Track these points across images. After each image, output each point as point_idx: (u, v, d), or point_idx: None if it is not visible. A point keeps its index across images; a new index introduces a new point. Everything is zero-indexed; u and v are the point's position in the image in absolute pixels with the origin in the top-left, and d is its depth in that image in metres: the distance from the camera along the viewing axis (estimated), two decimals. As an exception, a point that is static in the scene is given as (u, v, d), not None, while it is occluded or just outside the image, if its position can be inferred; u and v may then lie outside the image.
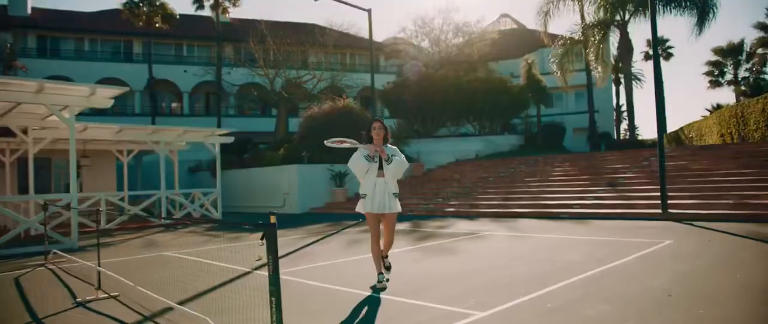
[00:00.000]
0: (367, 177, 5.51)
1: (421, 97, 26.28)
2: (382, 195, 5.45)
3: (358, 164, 5.51)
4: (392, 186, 5.53)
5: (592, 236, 9.13)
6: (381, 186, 5.48)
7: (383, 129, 5.57)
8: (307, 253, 8.54)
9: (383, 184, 5.49)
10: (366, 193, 5.51)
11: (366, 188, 5.52)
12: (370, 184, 5.49)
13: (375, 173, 5.49)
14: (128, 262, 8.21)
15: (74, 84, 10.14)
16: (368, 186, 5.50)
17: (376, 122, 5.61)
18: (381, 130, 5.53)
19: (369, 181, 5.50)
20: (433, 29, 38.48)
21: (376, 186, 5.47)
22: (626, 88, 25.04)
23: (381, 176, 5.50)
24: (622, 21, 24.18)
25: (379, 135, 5.52)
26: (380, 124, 5.57)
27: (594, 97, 28.78)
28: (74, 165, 10.47)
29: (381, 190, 5.46)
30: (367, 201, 5.49)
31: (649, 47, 46.15)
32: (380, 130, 5.53)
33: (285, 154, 21.38)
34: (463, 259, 7.34)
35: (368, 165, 5.47)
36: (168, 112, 37.45)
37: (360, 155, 5.52)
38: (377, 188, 5.47)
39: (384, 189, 5.47)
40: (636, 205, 12.44)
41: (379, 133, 5.52)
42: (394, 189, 5.56)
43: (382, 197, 5.45)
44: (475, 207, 15.41)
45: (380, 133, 5.52)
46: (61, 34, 34.88)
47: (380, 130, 5.53)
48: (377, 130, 5.52)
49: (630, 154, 18.16)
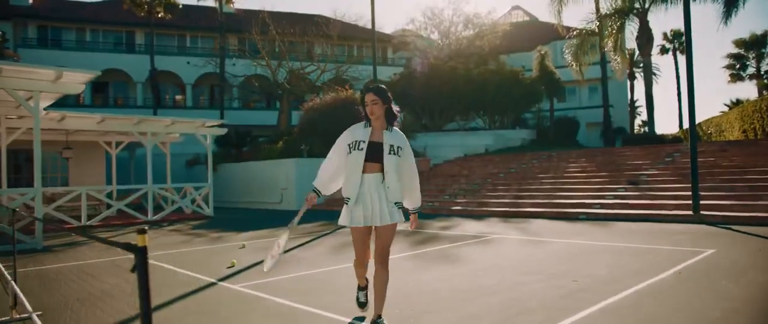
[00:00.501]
0: (349, 170, 3.69)
1: (429, 90, 25.11)
2: (374, 199, 3.64)
3: (334, 151, 3.82)
4: (394, 190, 3.66)
5: (617, 242, 7.97)
6: (372, 185, 3.64)
7: (381, 101, 3.68)
8: (288, 258, 7.46)
9: (376, 183, 3.65)
10: (349, 197, 3.69)
11: (349, 189, 3.69)
12: (353, 183, 3.66)
13: (360, 165, 3.62)
14: (79, 268, 7.19)
15: (38, 66, 9.13)
16: (351, 185, 3.67)
17: (369, 93, 3.71)
18: (375, 103, 3.67)
19: (352, 176, 3.66)
20: (443, 21, 37.35)
21: (364, 185, 3.64)
22: (646, 80, 23.64)
23: (374, 170, 3.65)
24: (642, 9, 22.80)
25: (372, 111, 3.67)
26: (374, 96, 3.67)
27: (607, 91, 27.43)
28: (39, 156, 9.47)
29: (373, 193, 3.64)
30: (349, 208, 3.68)
31: (666, 40, 44.57)
32: (374, 104, 3.67)
33: (284, 147, 20.35)
34: (467, 271, 6.22)
35: (355, 153, 3.66)
36: (171, 105, 36.66)
37: (343, 140, 3.79)
38: (366, 188, 3.65)
39: (377, 190, 3.65)
40: (662, 206, 11.24)
41: (372, 107, 3.67)
42: (397, 196, 3.69)
43: (375, 203, 3.64)
44: (483, 205, 14.27)
45: (373, 108, 3.67)
46: (62, 24, 34.14)
47: (374, 103, 3.67)
48: (370, 105, 3.68)
49: (650, 150, 16.91)
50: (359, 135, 3.70)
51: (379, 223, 3.64)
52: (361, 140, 3.65)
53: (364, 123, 3.76)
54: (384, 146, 3.65)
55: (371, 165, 3.65)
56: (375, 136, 3.69)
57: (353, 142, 3.68)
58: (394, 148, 3.66)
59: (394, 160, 3.65)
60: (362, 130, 3.72)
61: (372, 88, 3.74)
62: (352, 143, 3.69)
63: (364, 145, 3.64)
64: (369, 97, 3.69)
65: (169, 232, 11.90)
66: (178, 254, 8.22)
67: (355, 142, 3.67)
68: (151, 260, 7.52)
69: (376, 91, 3.72)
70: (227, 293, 5.31)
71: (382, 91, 3.71)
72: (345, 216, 3.72)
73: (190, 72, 34.53)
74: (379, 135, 3.69)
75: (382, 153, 3.64)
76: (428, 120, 26.64)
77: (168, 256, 7.95)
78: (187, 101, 36.22)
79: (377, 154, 3.64)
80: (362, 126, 3.75)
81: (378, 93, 3.69)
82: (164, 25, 33.94)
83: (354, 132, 3.74)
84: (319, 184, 3.81)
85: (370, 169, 3.65)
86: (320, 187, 3.81)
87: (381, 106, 3.68)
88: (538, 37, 36.96)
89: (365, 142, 3.64)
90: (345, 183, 3.76)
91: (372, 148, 3.65)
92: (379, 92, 3.70)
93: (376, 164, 3.65)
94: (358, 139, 3.66)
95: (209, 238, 10.25)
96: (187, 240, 10.12)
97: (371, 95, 3.70)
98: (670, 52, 45.12)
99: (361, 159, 3.63)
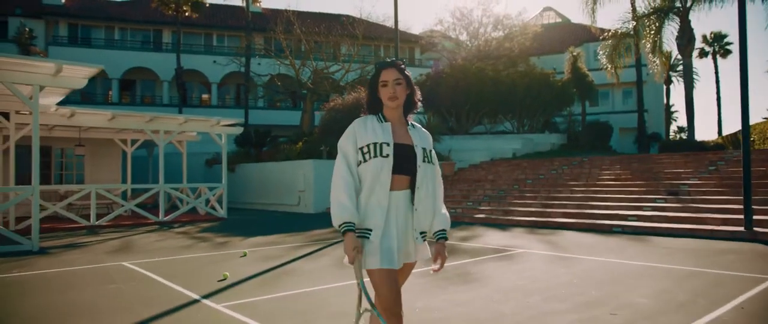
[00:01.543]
0: (368, 187, 2.50)
1: (456, 92, 24.24)
2: (399, 228, 2.52)
3: (343, 162, 2.55)
4: (423, 213, 2.58)
5: (660, 262, 7.04)
6: (401, 207, 2.54)
7: (406, 81, 2.60)
8: (289, 271, 6.78)
9: (405, 204, 2.55)
10: (371, 228, 2.48)
11: (371, 215, 2.49)
12: (378, 206, 2.49)
13: (387, 180, 2.49)
14: (68, 275, 6.65)
15: (38, 59, 8.70)
16: (375, 209, 2.49)
17: (389, 68, 2.59)
18: (399, 83, 2.57)
19: (374, 196, 2.50)
20: (472, 21, 36.42)
21: (391, 208, 2.51)
22: (686, 82, 22.32)
23: (403, 186, 2.54)
24: (683, 7, 21.52)
25: (395, 94, 2.56)
26: (398, 74, 2.58)
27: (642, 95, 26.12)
28: (37, 153, 9.03)
29: (399, 218, 2.53)
30: (374, 244, 2.46)
31: (705, 43, 42.65)
32: (397, 84, 2.56)
33: (303, 147, 19.79)
34: (485, 294, 5.43)
35: (375, 162, 2.49)
36: (197, 103, 36.72)
37: (350, 143, 2.57)
38: (393, 213, 2.52)
39: (405, 214, 2.55)
40: (707, 220, 10.19)
41: (395, 89, 2.56)
42: (425, 221, 2.60)
43: (401, 233, 2.53)
44: (508, 214, 13.38)
45: (396, 89, 2.56)
46: (92, 22, 34.51)
47: (397, 83, 2.56)
48: (391, 85, 2.56)
49: (691, 157, 15.73)
50: (377, 134, 2.52)
51: (412, 259, 2.60)
52: (382, 142, 2.49)
53: (377, 115, 2.61)
54: (416, 150, 2.56)
55: (400, 179, 2.51)
56: (400, 136, 2.56)
57: (369, 144, 2.49)
58: (427, 153, 2.60)
59: (429, 170, 2.57)
60: (378, 127, 2.55)
61: (393, 63, 2.59)
62: (367, 147, 2.49)
63: (389, 149, 2.48)
64: (390, 75, 2.55)
65: (176, 234, 11.39)
66: (173, 262, 7.62)
67: (373, 146, 2.48)
68: (142, 268, 6.95)
69: (400, 67, 2.58)
70: (207, 315, 4.64)
71: (406, 73, 2.61)
72: (374, 256, 2.43)
73: (216, 71, 34.49)
74: (404, 133, 2.58)
75: (415, 160, 2.54)
76: (455, 123, 25.78)
77: (161, 264, 7.36)
78: (212, 100, 36.23)
79: (408, 162, 2.53)
80: (376, 120, 2.58)
81: (403, 70, 2.59)
82: (191, 23, 34.01)
83: (366, 129, 2.54)
84: (350, 213, 2.43)
85: (398, 184, 2.51)
86: (352, 217, 2.44)
87: (405, 89, 2.58)
88: (570, 39, 35.76)
89: (390, 144, 2.49)
90: (364, 202, 2.51)
91: (400, 153, 2.51)
92: (403, 69, 2.60)
93: (405, 177, 2.52)
94: (379, 141, 2.49)
95: (213, 244, 9.66)
96: (190, 245, 9.55)
97: (394, 72, 2.56)
98: (709, 55, 43.24)
99: (387, 170, 2.47)
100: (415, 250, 2.58)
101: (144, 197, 14.17)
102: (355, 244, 2.39)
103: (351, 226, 2.41)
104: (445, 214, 2.64)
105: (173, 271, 6.83)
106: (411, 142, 2.56)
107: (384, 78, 2.56)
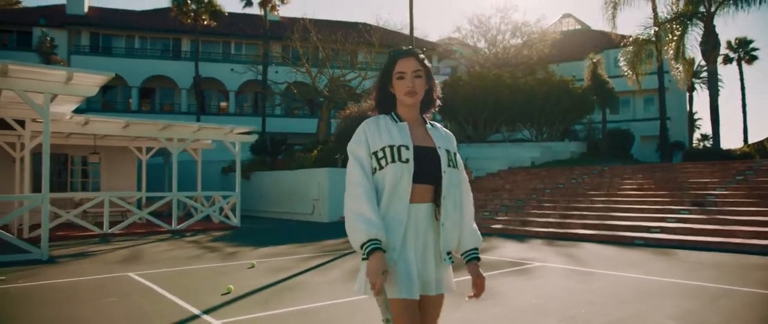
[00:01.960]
0: (392, 195, 2.04)
1: (474, 99, 23.93)
2: (418, 249, 2.07)
3: (356, 167, 2.07)
4: (451, 229, 2.13)
5: (686, 278, 6.66)
6: (421, 223, 2.08)
7: (426, 74, 2.16)
8: (297, 285, 6.56)
9: (426, 219, 2.09)
10: (384, 249, 1.94)
11: (389, 231, 2.00)
12: (396, 220, 2.03)
13: (407, 190, 2.03)
14: (71, 286, 6.51)
15: (47, 67, 8.67)
16: (394, 224, 2.02)
17: (408, 57, 2.13)
18: (418, 76, 2.12)
19: (392, 209, 2.04)
20: (490, 29, 36.14)
21: (411, 224, 2.05)
22: (710, 89, 21.67)
23: (425, 197, 2.08)
24: (708, 12, 20.95)
25: (413, 88, 2.11)
26: (418, 64, 2.13)
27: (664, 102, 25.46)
28: (47, 161, 8.97)
29: (419, 237, 2.07)
30: (393, 271, 1.98)
31: (729, 49, 41.65)
32: (416, 77, 2.12)
33: (318, 156, 19.65)
34: (500, 313, 5.13)
35: (393, 168, 2.02)
36: (215, 111, 36.98)
37: (361, 145, 2.09)
38: (412, 230, 2.05)
39: (426, 232, 2.09)
40: (736, 233, 9.72)
41: (414, 82, 2.11)
42: (453, 240, 2.17)
43: (420, 255, 2.07)
44: (526, 224, 13.02)
45: (415, 83, 2.11)
46: (113, 31, 35.03)
47: (416, 76, 2.11)
48: (409, 77, 2.10)
49: (717, 166, 15.19)
50: (393, 135, 2.06)
51: (433, 290, 2.10)
52: (400, 144, 2.03)
53: (390, 115, 2.16)
54: (439, 153, 2.11)
55: (422, 189, 2.05)
56: (419, 138, 2.12)
57: (385, 148, 2.03)
58: (452, 156, 2.14)
59: (454, 177, 2.12)
60: (394, 127, 2.10)
61: (412, 51, 2.14)
62: (382, 151, 2.03)
63: (408, 152, 2.03)
64: (409, 65, 2.10)
65: (187, 243, 11.27)
66: (177, 273, 7.46)
67: (389, 149, 2.03)
68: (146, 279, 6.79)
69: (419, 57, 2.14)
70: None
71: (426, 63, 2.16)
72: (389, 284, 1.94)
73: (234, 79, 34.68)
74: (423, 134, 2.14)
75: (440, 166, 2.09)
76: (472, 130, 25.45)
77: (166, 276, 7.20)
78: (230, 108, 36.45)
79: (431, 167, 2.07)
80: (390, 120, 2.14)
81: (423, 60, 2.15)
82: (209, 32, 34.27)
83: (379, 131, 2.08)
84: (376, 228, 1.92)
85: (420, 195, 2.05)
86: (378, 232, 1.92)
87: (424, 83, 2.14)
88: (589, 46, 35.19)
89: (409, 147, 2.04)
90: (373, 216, 1.98)
91: (422, 157, 2.06)
92: (423, 59, 2.15)
93: (428, 187, 2.06)
94: (396, 143, 2.04)
95: (222, 254, 9.50)
96: (199, 255, 9.40)
97: (413, 62, 2.11)
98: (734, 61, 42.21)
99: (407, 178, 2.01)
100: (438, 279, 2.09)
101: (158, 205, 14.11)
102: (384, 267, 1.88)
103: (378, 244, 1.90)
104: (475, 229, 2.24)
105: (177, 283, 6.66)
106: (433, 144, 2.12)
107: (401, 69, 2.10)
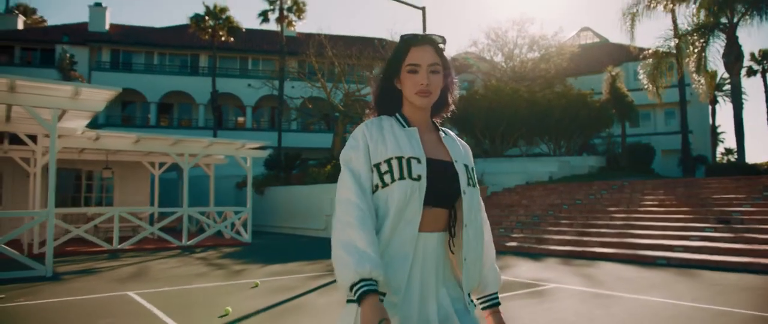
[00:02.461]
0: (398, 221, 1.53)
1: (490, 113, 23.62)
2: (429, 290, 1.56)
3: (350, 182, 1.55)
4: (474, 264, 1.63)
5: (713, 303, 6.24)
6: (431, 257, 1.57)
7: (444, 68, 1.67)
8: (299, 307, 6.31)
9: (437, 252, 1.59)
10: (384, 292, 1.46)
11: (392, 267, 1.51)
12: (400, 253, 1.53)
13: (417, 215, 1.54)
14: (70, 306, 6.35)
15: (55, 82, 8.64)
16: (398, 258, 1.52)
17: (423, 44, 1.64)
18: (435, 71, 1.64)
19: (396, 239, 1.53)
20: (507, 42, 35.85)
21: (418, 258, 1.56)
22: (734, 102, 21.08)
23: (437, 225, 1.59)
24: (730, 24, 20.43)
25: (428, 87, 1.62)
26: (435, 55, 1.64)
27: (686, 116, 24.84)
28: (53, 177, 8.91)
29: (429, 275, 1.57)
30: (390, 314, 1.48)
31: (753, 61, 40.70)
32: (433, 73, 1.63)
33: (331, 171, 19.46)
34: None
35: (400, 186, 1.53)
36: (232, 126, 37.24)
37: (360, 157, 1.59)
38: (418, 267, 1.56)
39: (437, 269, 1.59)
40: (764, 252, 9.23)
41: (429, 79, 1.62)
42: (475, 277, 1.65)
43: (433, 299, 1.57)
44: (542, 242, 12.61)
45: (431, 80, 1.63)
46: (132, 48, 35.59)
47: (432, 71, 1.63)
48: (424, 71, 1.62)
49: (743, 182, 14.61)
50: (400, 144, 1.60)
51: None
52: (411, 156, 1.57)
53: (395, 116, 1.70)
54: (457, 168, 1.64)
55: (435, 214, 1.59)
56: (432, 148, 1.66)
57: (391, 159, 1.57)
58: (471, 173, 1.68)
59: (475, 198, 1.65)
60: (402, 133, 1.63)
61: (429, 38, 1.66)
62: (387, 164, 1.56)
63: (420, 168, 1.56)
64: (425, 56, 1.64)
65: (195, 260, 11.11)
66: (180, 292, 7.27)
67: (396, 161, 1.56)
68: (145, 299, 6.60)
69: (438, 46, 1.67)
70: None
71: (444, 54, 1.69)
72: None
73: (251, 94, 34.89)
74: (436, 144, 1.68)
75: (458, 185, 1.62)
76: (489, 145, 25.09)
77: (166, 295, 7.01)
78: (247, 123, 36.67)
79: (446, 187, 1.61)
80: (396, 123, 1.67)
81: (442, 51, 1.68)
82: (227, 48, 34.64)
83: (383, 136, 1.61)
84: (372, 264, 1.42)
85: (432, 222, 1.58)
86: (374, 270, 1.42)
87: (441, 80, 1.67)
88: (608, 59, 34.71)
89: (421, 160, 1.57)
90: (366, 244, 1.49)
91: (436, 173, 1.59)
92: (443, 50, 1.69)
93: (442, 211, 1.60)
94: (405, 155, 1.57)
95: (228, 271, 9.30)
96: (204, 273, 9.21)
97: (430, 52, 1.64)
98: (758, 73, 41.23)
99: (417, 200, 1.54)
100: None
101: (169, 220, 14.03)
102: (382, 315, 1.37)
103: (373, 286, 1.41)
104: (496, 268, 1.78)
105: (176, 303, 6.46)
106: (449, 157, 1.64)
107: (414, 60, 1.63)
